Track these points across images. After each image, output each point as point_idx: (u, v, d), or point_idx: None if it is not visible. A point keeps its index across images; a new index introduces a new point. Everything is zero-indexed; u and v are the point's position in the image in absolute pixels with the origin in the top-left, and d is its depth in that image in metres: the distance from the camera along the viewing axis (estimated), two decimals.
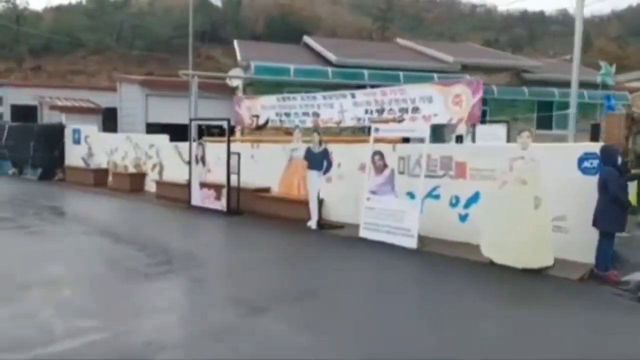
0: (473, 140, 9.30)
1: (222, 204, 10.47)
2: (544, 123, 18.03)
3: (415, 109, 8.89)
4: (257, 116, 11.10)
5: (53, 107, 18.21)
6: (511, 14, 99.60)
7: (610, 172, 6.06)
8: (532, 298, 5.53)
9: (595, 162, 6.52)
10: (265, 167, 10.83)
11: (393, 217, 7.75)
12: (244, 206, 10.41)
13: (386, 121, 8.76)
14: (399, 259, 7.06)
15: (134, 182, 13.60)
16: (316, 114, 10.48)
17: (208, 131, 12.18)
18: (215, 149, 10.83)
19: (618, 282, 5.80)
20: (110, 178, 14.66)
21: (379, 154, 8.19)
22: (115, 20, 49.85)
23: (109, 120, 18.83)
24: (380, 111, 9.44)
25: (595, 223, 6.08)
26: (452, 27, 75.74)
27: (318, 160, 8.77)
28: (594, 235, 6.19)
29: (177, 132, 14.22)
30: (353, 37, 39.18)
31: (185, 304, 5.12)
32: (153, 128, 16.75)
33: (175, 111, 16.76)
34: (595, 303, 5.40)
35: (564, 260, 6.39)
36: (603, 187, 5.99)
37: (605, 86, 14.14)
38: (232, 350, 3.85)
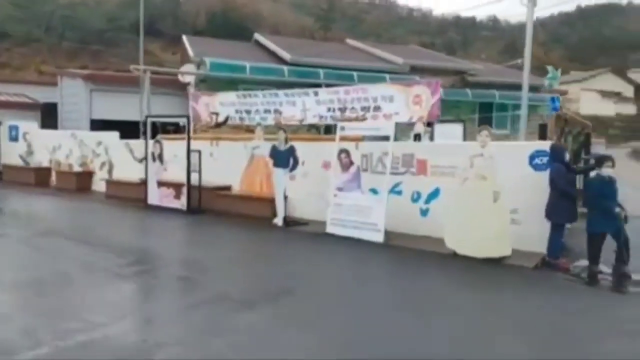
0: (431, 138, 9.79)
1: (182, 203, 10.27)
2: (485, 123, 19.18)
3: (377, 108, 9.21)
4: (217, 113, 10.96)
5: None
6: (445, 18, 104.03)
7: (559, 168, 6.66)
8: (494, 285, 5.97)
9: (545, 159, 7.12)
10: (225, 165, 10.75)
11: (360, 213, 8.01)
12: (205, 205, 10.28)
13: (350, 120, 9.03)
14: (368, 253, 7.33)
15: (81, 181, 12.97)
16: (278, 112, 10.54)
17: (163, 129, 11.86)
18: (172, 147, 10.59)
19: (568, 269, 6.39)
20: (53, 177, 13.86)
21: (345, 151, 8.42)
22: (44, 11, 46.78)
23: (48, 117, 17.70)
24: (343, 109, 9.67)
25: (547, 215, 6.65)
26: (391, 30, 78.09)
27: (284, 158, 8.85)
28: (545, 226, 6.77)
29: (124, 129, 13.68)
30: (296, 36, 39.32)
31: (168, 302, 5.05)
32: (97, 125, 15.97)
33: (121, 107, 16.10)
34: (549, 288, 5.91)
35: (518, 250, 6.91)
36: (552, 182, 6.57)
37: (551, 89, 15.31)
38: (229, 346, 3.89)
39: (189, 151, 10.09)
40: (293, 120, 10.24)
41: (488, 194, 6.82)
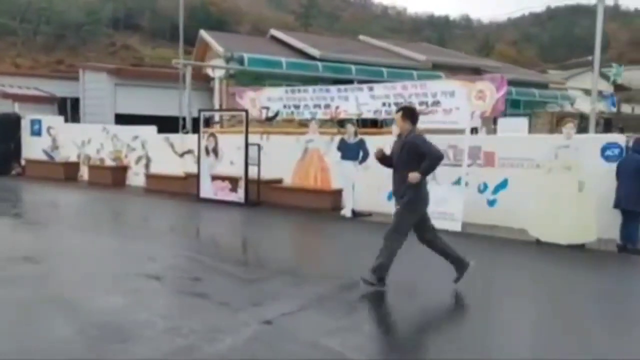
0: (495, 131, 10.16)
1: (238, 196, 10.29)
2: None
3: (436, 103, 9.45)
4: (267, 108, 10.99)
5: (6, 96, 16.16)
6: (419, 17, 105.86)
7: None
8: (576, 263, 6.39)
9: (617, 151, 7.57)
10: (276, 158, 10.79)
11: (436, 203, 8.26)
12: (256, 197, 10.32)
13: (420, 113, 9.26)
14: (452, 242, 7.59)
15: (116, 176, 12.74)
16: (328, 106, 10.66)
17: (206, 124, 11.81)
18: (227, 140, 10.60)
19: None
20: (81, 172, 13.54)
21: None
22: (19, 3, 45.05)
23: (63, 111, 17.17)
24: (399, 104, 9.88)
25: (631, 204, 7.03)
26: (367, 27, 78.82)
27: (353, 151, 9.03)
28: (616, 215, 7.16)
29: (151, 124, 13.49)
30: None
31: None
32: (122, 119, 15.64)
33: (147, 102, 15.84)
34: (632, 265, 6.37)
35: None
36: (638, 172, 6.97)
37: (623, 88, 15.93)
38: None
39: (246, 145, 10.12)
40: (348, 114, 10.39)
41: (573, 184, 7.21)
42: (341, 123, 10.92)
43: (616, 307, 4.84)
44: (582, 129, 12.27)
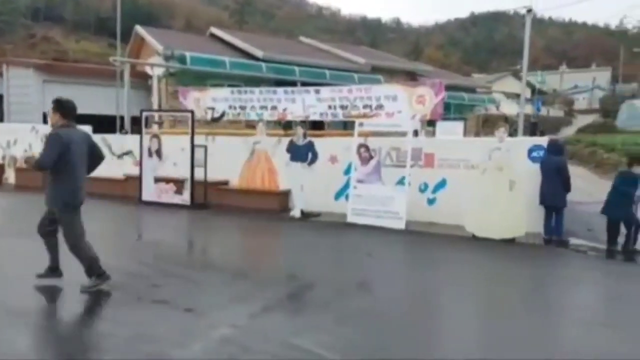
0: (434, 134, 10.74)
1: (184, 198, 10.13)
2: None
3: (380, 106, 9.92)
4: (213, 108, 10.88)
5: None
6: (353, 18, 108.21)
7: (563, 160, 7.90)
8: (509, 256, 7.05)
9: (542, 153, 8.36)
10: (221, 160, 10.73)
11: (381, 203, 8.70)
12: (202, 199, 10.22)
13: (364, 116, 9.68)
14: (397, 238, 8.03)
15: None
16: (275, 108, 10.79)
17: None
18: (173, 141, 10.38)
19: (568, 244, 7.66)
20: (6, 175, 12.61)
21: (365, 146, 9.04)
22: None
23: None
24: (344, 107, 10.25)
25: (555, 201, 7.83)
26: (302, 26, 79.38)
27: (302, 152, 9.22)
28: (542, 211, 7.95)
29: (86, 124, 12.84)
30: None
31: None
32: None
33: (80, 100, 14.82)
34: (556, 256, 7.11)
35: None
36: (560, 172, 7.76)
37: (540, 92, 17.12)
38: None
39: (192, 146, 9.99)
40: (295, 116, 10.57)
41: (505, 183, 7.89)
42: (286, 125, 11.09)
43: (541, 293, 5.43)
44: (510, 132, 13.33)
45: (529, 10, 13.37)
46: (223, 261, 6.38)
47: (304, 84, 14.05)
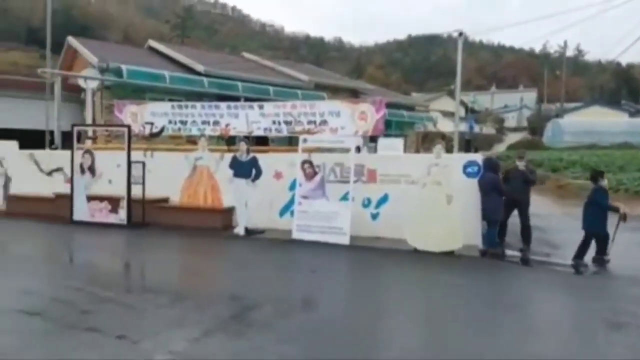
0: (375, 150, 10.93)
1: (120, 217, 9.64)
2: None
3: (323, 122, 9.99)
4: (152, 123, 10.48)
5: None
6: (297, 36, 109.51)
7: (496, 177, 8.29)
8: (450, 269, 7.28)
9: (476, 168, 8.74)
10: (161, 176, 10.35)
11: (326, 218, 8.71)
12: (140, 218, 9.78)
13: (296, 133, 9.71)
14: (342, 254, 8.06)
15: None
16: (217, 123, 10.59)
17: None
18: (108, 157, 9.89)
19: (503, 256, 8.02)
20: None
21: (309, 162, 9.05)
22: None
23: None
24: (288, 123, 10.24)
25: (492, 215, 8.18)
26: (245, 42, 79.32)
27: (246, 169, 9.08)
28: (478, 223, 8.29)
29: (12, 138, 12.02)
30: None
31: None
32: None
33: (5, 114, 13.88)
34: (492, 269, 7.42)
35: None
36: (495, 187, 8.12)
37: (473, 111, 17.82)
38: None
39: (129, 162, 9.57)
40: (238, 132, 10.43)
41: (443, 197, 8.16)
42: (230, 141, 10.91)
43: (478, 300, 5.63)
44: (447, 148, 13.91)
45: (461, 34, 14.16)
46: (161, 283, 6.07)
47: (247, 99, 13.92)
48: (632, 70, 70.85)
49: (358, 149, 10.78)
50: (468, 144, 24.76)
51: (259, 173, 9.19)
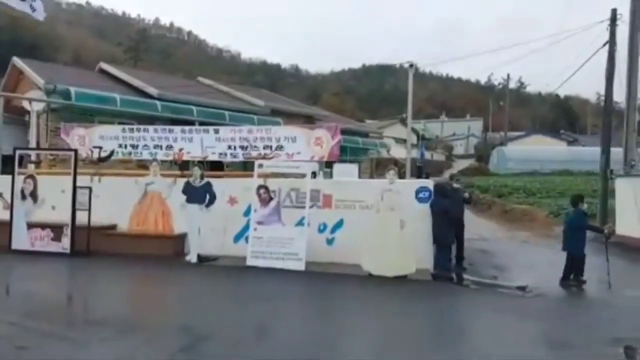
0: (331, 176, 10.98)
1: (63, 246, 9.14)
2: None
3: (280, 147, 10.00)
4: (100, 147, 10.11)
5: None
6: (253, 62, 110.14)
7: (447, 202, 8.54)
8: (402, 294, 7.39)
9: (427, 194, 8.97)
10: (108, 202, 9.93)
11: (281, 244, 8.63)
12: (85, 246, 9.30)
13: (252, 158, 9.68)
14: (298, 280, 7.98)
15: None
16: (170, 147, 10.37)
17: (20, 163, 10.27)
18: (51, 183, 9.43)
19: (452, 279, 8.21)
20: None
21: (264, 187, 9.00)
22: None
23: None
24: (244, 147, 10.17)
25: (442, 239, 8.38)
26: (201, 67, 78.91)
27: (199, 194, 8.91)
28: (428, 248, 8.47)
29: None
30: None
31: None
32: None
33: None
34: (442, 293, 7.56)
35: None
36: (447, 213, 8.35)
37: (424, 138, 18.28)
38: None
39: (74, 187, 9.16)
40: (192, 156, 10.25)
41: (396, 223, 8.29)
42: (183, 166, 10.69)
43: (429, 322, 5.72)
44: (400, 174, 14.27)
45: (411, 65, 14.83)
46: (106, 315, 5.75)
47: (202, 124, 13.74)
48: (570, 102, 76.09)
49: (314, 175, 10.84)
50: (420, 170, 25.56)
51: (212, 198, 9.03)
